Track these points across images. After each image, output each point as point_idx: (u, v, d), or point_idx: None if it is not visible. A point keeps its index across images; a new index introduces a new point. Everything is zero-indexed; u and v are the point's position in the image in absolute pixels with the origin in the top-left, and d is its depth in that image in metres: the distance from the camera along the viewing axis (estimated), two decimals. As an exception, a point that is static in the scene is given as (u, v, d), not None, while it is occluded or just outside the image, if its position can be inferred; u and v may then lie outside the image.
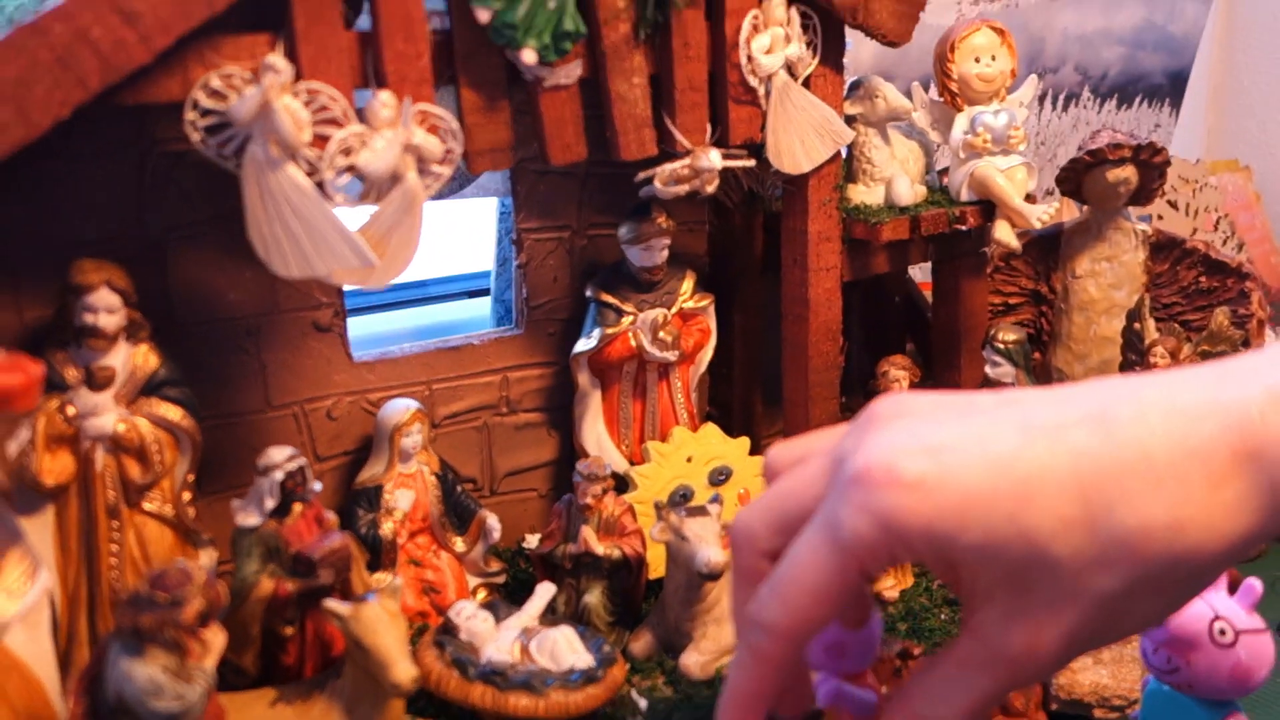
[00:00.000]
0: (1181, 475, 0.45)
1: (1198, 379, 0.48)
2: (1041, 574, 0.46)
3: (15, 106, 0.61)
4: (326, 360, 0.93)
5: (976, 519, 0.45)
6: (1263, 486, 0.45)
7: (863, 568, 0.47)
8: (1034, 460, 0.46)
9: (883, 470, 0.46)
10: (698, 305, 1.01)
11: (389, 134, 0.73)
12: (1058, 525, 0.45)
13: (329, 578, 0.78)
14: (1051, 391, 0.50)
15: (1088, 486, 0.45)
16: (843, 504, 0.47)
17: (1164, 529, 0.45)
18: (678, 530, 0.86)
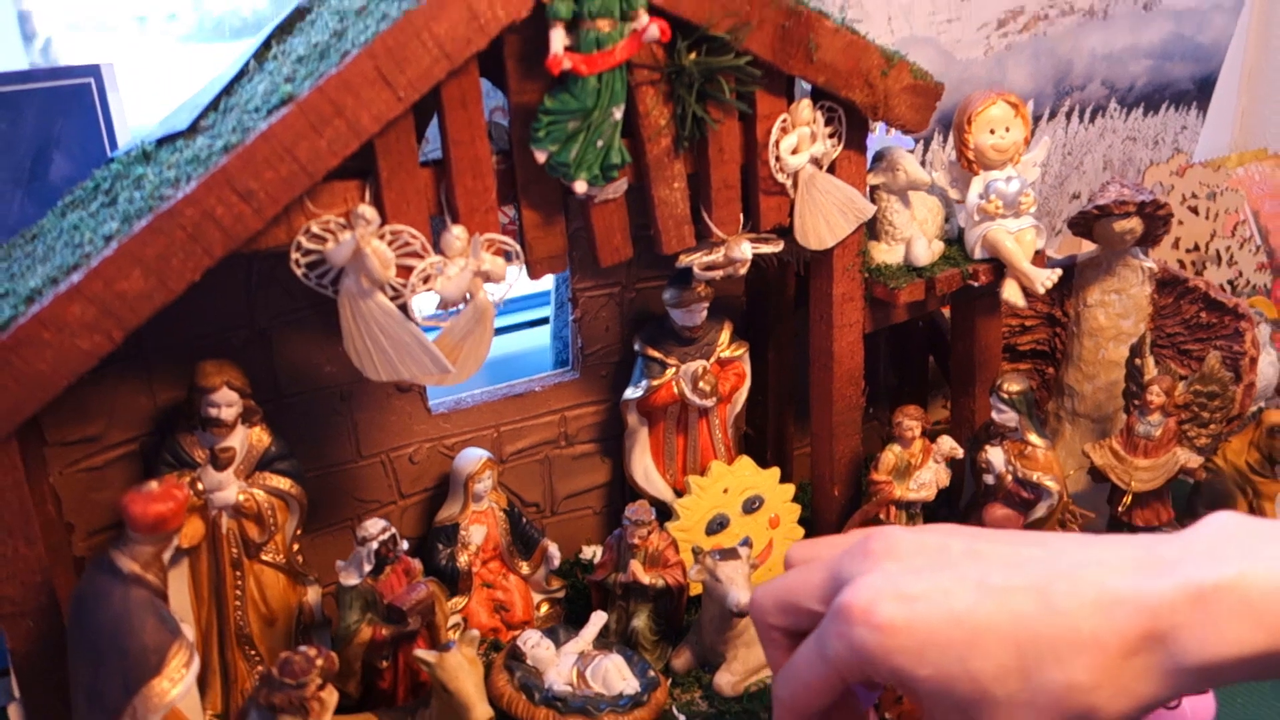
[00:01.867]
0: (1101, 645, 0.56)
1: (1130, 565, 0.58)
2: (983, 711, 0.58)
3: (158, 278, 0.74)
4: (408, 414, 1.06)
5: (932, 659, 0.57)
6: (1164, 664, 0.56)
7: (841, 678, 0.61)
8: (984, 617, 0.58)
9: (861, 611, 0.58)
10: (734, 354, 1.13)
11: (461, 262, 0.85)
12: (998, 671, 0.57)
13: (417, 623, 0.93)
14: (1009, 549, 0.62)
15: (1024, 644, 0.57)
16: (830, 629, 0.61)
17: (1082, 686, 0.56)
18: (712, 572, 1.00)
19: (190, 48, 1.29)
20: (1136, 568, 0.58)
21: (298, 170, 0.77)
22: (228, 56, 1.17)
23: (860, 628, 0.58)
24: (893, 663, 0.57)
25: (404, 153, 0.82)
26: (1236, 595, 0.55)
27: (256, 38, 0.87)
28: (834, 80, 0.96)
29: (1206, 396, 1.13)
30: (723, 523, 1.12)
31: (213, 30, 1.30)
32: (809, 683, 0.62)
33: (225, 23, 1.30)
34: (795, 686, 0.63)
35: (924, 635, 0.57)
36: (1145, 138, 1.57)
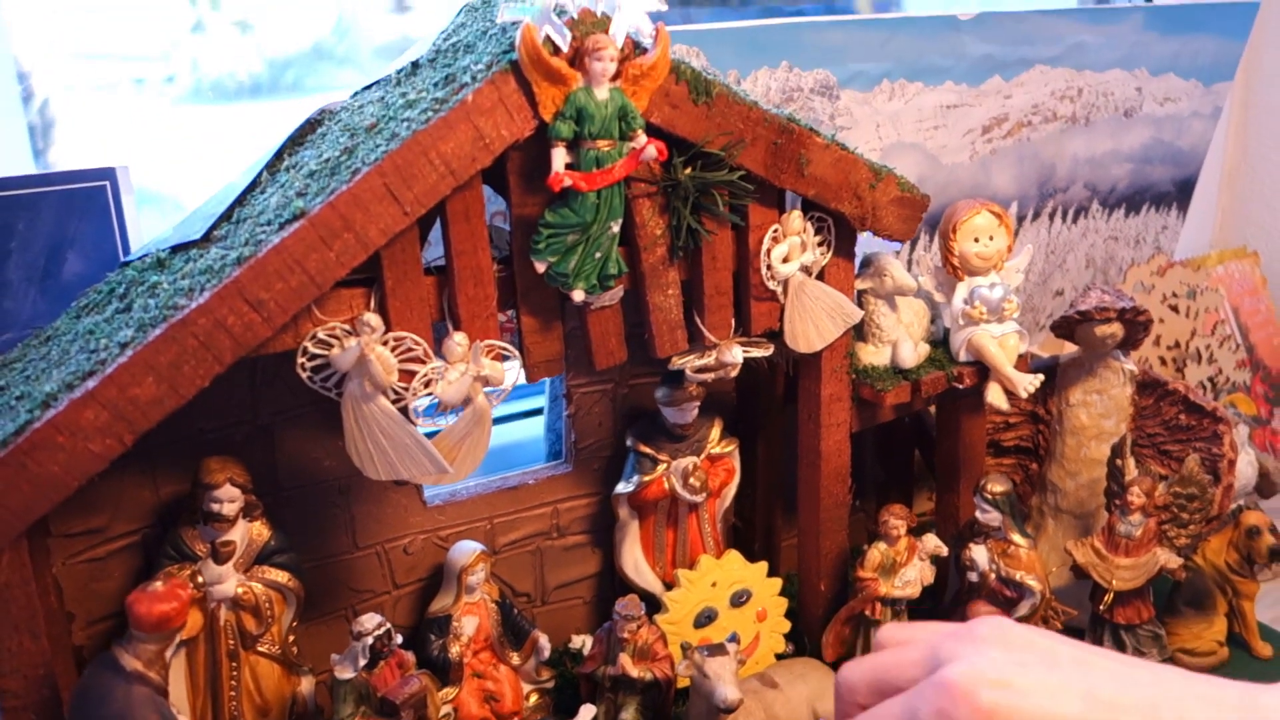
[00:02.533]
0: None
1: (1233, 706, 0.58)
2: None
3: (169, 384, 0.77)
4: (404, 507, 1.08)
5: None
6: None
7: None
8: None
9: (965, 690, 0.56)
10: (724, 450, 1.15)
11: (462, 367, 0.88)
12: None
13: (409, 717, 0.94)
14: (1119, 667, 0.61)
15: None
16: (925, 700, 0.58)
17: None
18: (700, 668, 1.01)
19: (187, 109, 1.31)
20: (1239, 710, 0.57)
21: (307, 281, 0.80)
22: (224, 119, 1.20)
23: (961, 706, 0.56)
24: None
25: (408, 263, 0.86)
26: None
27: (269, 150, 0.91)
28: (824, 193, 1.00)
29: (1186, 498, 1.16)
30: (711, 616, 1.14)
31: (210, 92, 1.33)
32: None
33: (222, 85, 1.33)
34: None
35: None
36: (1126, 237, 1.61)
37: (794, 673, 1.11)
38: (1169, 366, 1.56)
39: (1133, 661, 0.62)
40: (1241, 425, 1.32)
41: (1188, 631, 1.22)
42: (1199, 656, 1.21)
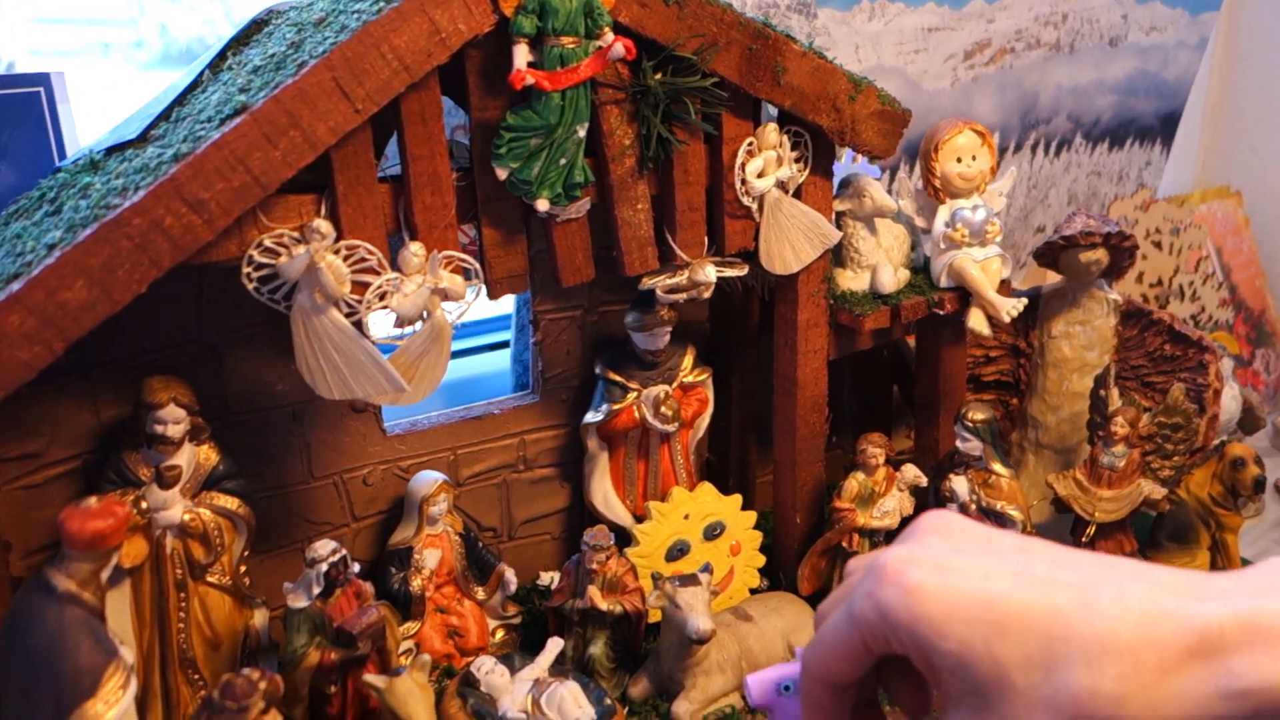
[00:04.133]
0: (1136, 657, 0.53)
1: (1180, 587, 0.55)
2: (1000, 697, 0.55)
3: (102, 289, 0.72)
4: (362, 435, 1.04)
5: (956, 633, 0.54)
6: (1207, 686, 0.52)
7: (865, 643, 0.58)
8: (1019, 603, 0.54)
9: (894, 571, 0.56)
10: (697, 379, 1.11)
11: (419, 279, 0.83)
12: (1022, 660, 0.54)
13: (367, 647, 0.90)
14: (1059, 552, 0.59)
15: (1055, 640, 0.53)
16: (861, 587, 0.58)
17: (1109, 699, 0.53)
18: (671, 598, 0.98)
19: (154, 75, 1.26)
20: (1189, 590, 0.55)
21: (250, 182, 0.75)
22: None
23: (889, 587, 0.55)
24: (916, 629, 0.55)
25: (361, 167, 0.81)
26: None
27: (212, 49, 0.85)
28: (801, 104, 0.95)
29: (1170, 428, 1.13)
30: (683, 549, 1.10)
31: (178, 58, 1.28)
32: (834, 647, 0.59)
33: (191, 50, 1.28)
34: (821, 651, 0.60)
35: (951, 607, 0.54)
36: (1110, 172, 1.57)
37: (769, 606, 1.07)
38: (1152, 304, 1.53)
39: (1077, 550, 0.59)
40: (1226, 359, 1.29)
41: (1170, 565, 1.19)
42: (1180, 591, 1.18)
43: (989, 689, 0.54)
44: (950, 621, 0.54)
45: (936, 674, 0.56)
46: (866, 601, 0.57)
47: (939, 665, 0.55)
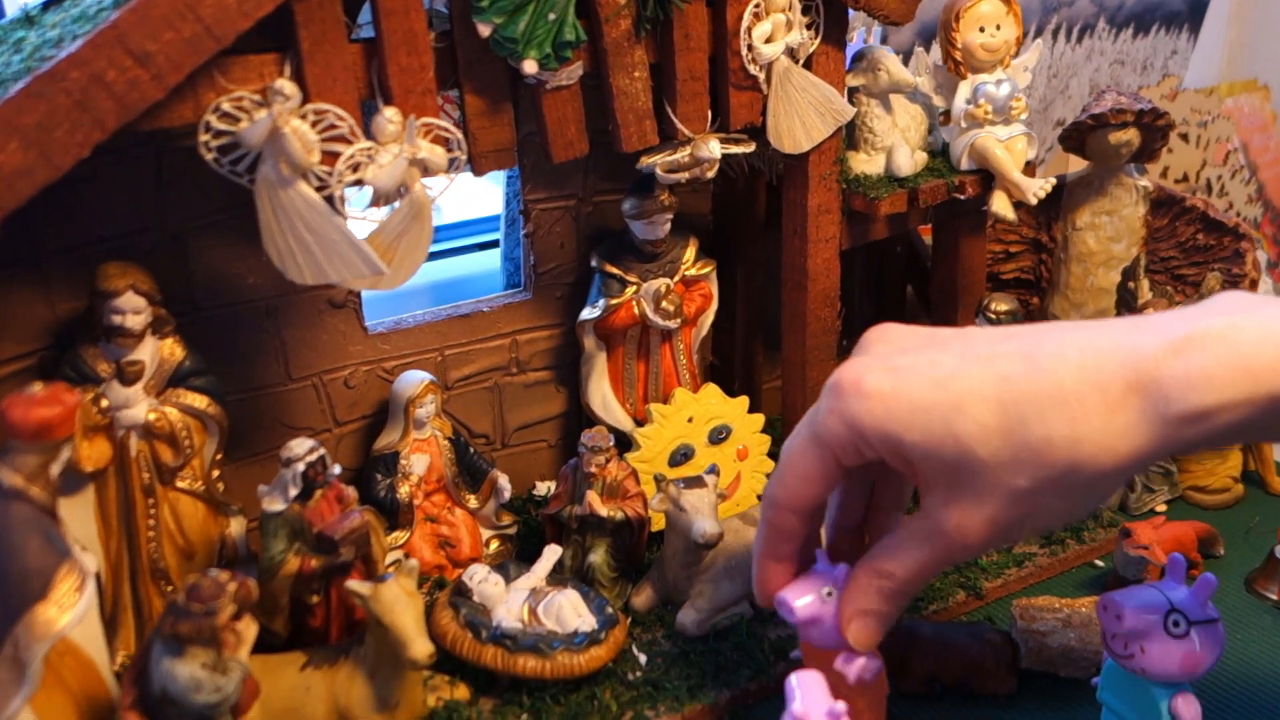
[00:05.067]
0: (1082, 400, 0.55)
1: (1117, 328, 0.58)
2: (968, 471, 0.58)
3: (39, 151, 0.64)
4: (342, 333, 0.97)
5: (918, 423, 0.58)
6: (1149, 416, 0.55)
7: (836, 458, 0.62)
8: (967, 380, 0.58)
9: (851, 383, 0.60)
10: (700, 272, 1.04)
11: (395, 149, 0.75)
12: (980, 431, 0.57)
13: (350, 554, 0.84)
14: (999, 330, 0.63)
15: (1007, 403, 0.56)
16: (821, 406, 0.63)
17: (1064, 440, 0.55)
18: (676, 501, 0.92)
19: None
20: (1126, 329, 0.58)
21: (202, 32, 0.67)
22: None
23: (850, 400, 0.59)
24: (883, 430, 0.58)
25: (328, 21, 0.73)
26: (1225, 343, 0.54)
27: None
28: (811, -39, 0.87)
29: (1203, 320, 1.06)
30: (687, 454, 1.04)
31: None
32: (803, 471, 0.63)
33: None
34: (789, 478, 0.63)
35: (909, 400, 0.58)
36: (1134, 61, 1.49)
37: (778, 512, 1.01)
38: (1177, 199, 1.45)
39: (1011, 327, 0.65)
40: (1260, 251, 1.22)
41: (1200, 468, 1.13)
42: (1212, 494, 1.13)
43: (957, 468, 0.57)
44: (911, 414, 0.57)
45: (910, 466, 0.59)
46: (831, 418, 0.60)
47: (909, 455, 0.58)
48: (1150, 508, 1.09)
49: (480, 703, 0.87)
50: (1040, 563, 1.02)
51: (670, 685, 0.88)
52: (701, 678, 0.89)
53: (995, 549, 0.62)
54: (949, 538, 0.60)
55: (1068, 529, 1.06)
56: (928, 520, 0.61)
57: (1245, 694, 0.88)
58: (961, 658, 0.88)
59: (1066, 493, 0.57)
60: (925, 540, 0.61)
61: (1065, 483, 0.56)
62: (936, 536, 0.60)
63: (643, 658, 0.91)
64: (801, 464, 0.62)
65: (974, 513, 0.58)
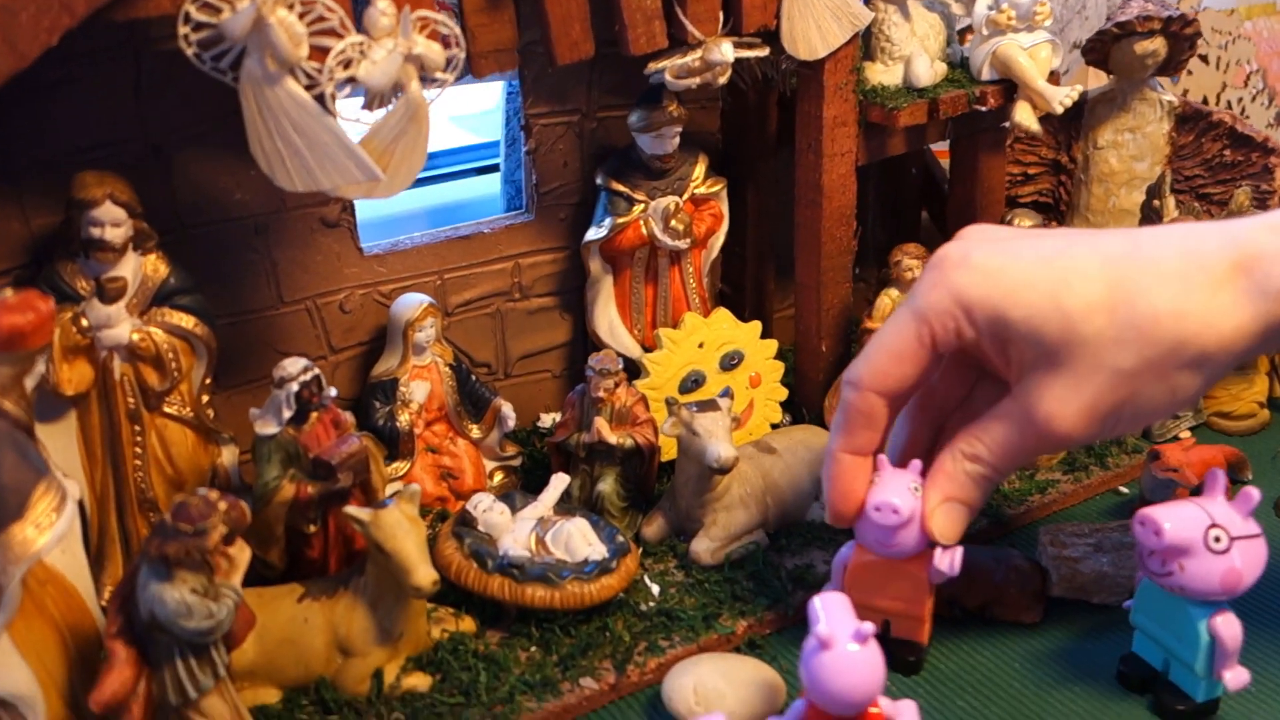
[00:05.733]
0: (1185, 276, 0.56)
1: (1214, 224, 0.60)
2: (1070, 350, 0.57)
3: (2, 36, 0.60)
4: (336, 255, 0.92)
5: (1025, 297, 0.57)
6: (1252, 292, 0.56)
7: (934, 334, 0.61)
8: (1073, 258, 0.58)
9: (958, 256, 0.60)
10: (710, 190, 1.00)
11: (389, 44, 0.71)
12: (1086, 307, 0.56)
13: (348, 480, 0.80)
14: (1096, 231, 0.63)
15: (1113, 280, 0.56)
16: (923, 282, 0.61)
17: (1169, 316, 0.55)
18: (689, 425, 0.88)
19: None
20: (1222, 222, 0.59)
21: (179, -91, 0.62)
22: None
23: (957, 270, 0.59)
24: (988, 303, 0.58)
25: (315, -97, 0.68)
26: None
27: None
28: None
29: (1234, 237, 1.02)
30: (698, 381, 1.00)
31: None
32: (895, 350, 0.61)
33: None
34: (880, 358, 0.62)
35: (1016, 275, 0.58)
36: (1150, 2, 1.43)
37: (794, 439, 0.97)
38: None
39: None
40: (1286, 170, 1.17)
41: (1225, 393, 1.10)
42: (1237, 420, 1.09)
43: (1059, 345, 0.57)
44: (1019, 289, 0.57)
45: (1008, 347, 0.59)
46: (935, 292, 0.59)
47: (1012, 333, 0.58)
48: (1175, 434, 1.05)
49: (487, 635, 0.83)
50: (1064, 489, 0.99)
51: (685, 615, 0.84)
52: (717, 607, 0.85)
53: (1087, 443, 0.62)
54: (1042, 424, 0.59)
55: (1092, 454, 1.02)
56: (1021, 404, 0.60)
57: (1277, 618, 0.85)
58: (985, 582, 0.85)
59: (1168, 374, 0.57)
60: (1015, 425, 0.61)
61: (1168, 362, 0.56)
62: (1028, 422, 0.60)
63: (655, 588, 0.87)
64: (896, 341, 0.61)
65: (1071, 399, 0.58)
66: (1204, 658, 0.74)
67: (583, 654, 0.81)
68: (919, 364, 0.61)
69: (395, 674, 0.78)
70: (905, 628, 0.78)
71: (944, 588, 0.81)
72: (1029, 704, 0.78)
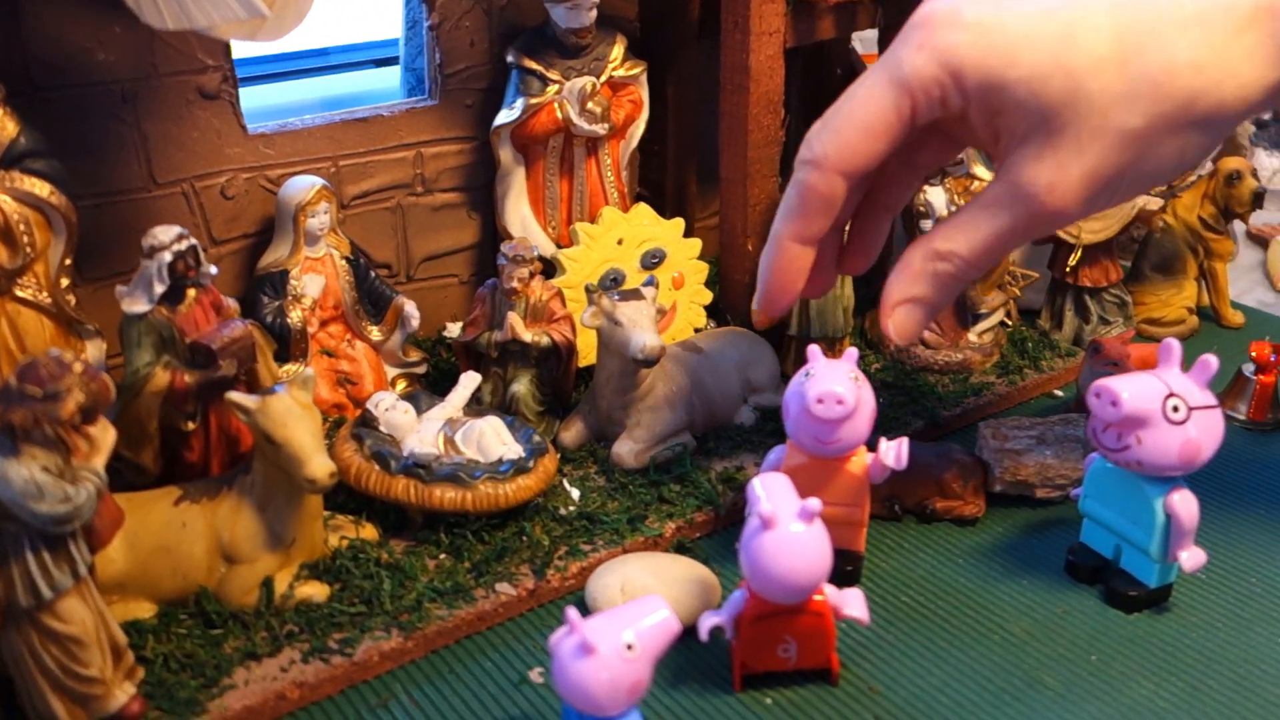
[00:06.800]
0: (1206, 21, 0.49)
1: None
2: (1074, 111, 0.50)
3: None
4: (217, 132, 0.83)
5: (1024, 56, 0.50)
6: (1276, 37, 0.49)
7: (915, 104, 0.51)
8: (1077, 7, 0.50)
9: (946, 12, 0.51)
10: (629, 74, 0.93)
11: None
12: (1093, 63, 0.49)
13: (231, 369, 0.71)
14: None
15: (1123, 30, 0.49)
16: (904, 45, 0.52)
17: (1186, 66, 0.49)
18: (610, 315, 0.81)
19: None
20: None
21: None
22: None
23: (945, 29, 0.51)
24: (983, 65, 0.50)
25: None
26: None
27: None
28: None
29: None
30: (617, 279, 0.93)
31: None
32: (868, 121, 0.52)
33: None
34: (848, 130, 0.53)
35: (1015, 31, 0.50)
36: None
37: (722, 340, 0.92)
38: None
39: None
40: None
41: (1155, 299, 1.07)
42: (1166, 326, 1.06)
43: (1062, 108, 0.50)
44: (1017, 47, 0.50)
45: (1000, 115, 0.51)
46: (919, 55, 0.50)
47: (1007, 101, 0.50)
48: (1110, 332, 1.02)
49: (391, 544, 0.75)
50: (999, 391, 0.95)
51: (608, 518, 0.78)
52: (643, 509, 0.79)
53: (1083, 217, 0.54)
54: (1037, 199, 0.52)
55: (1026, 356, 0.99)
56: (1012, 182, 0.52)
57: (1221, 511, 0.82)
58: (925, 478, 0.80)
59: (1180, 131, 0.50)
60: (1005, 206, 0.53)
61: (1181, 118, 0.50)
62: (1021, 200, 0.52)
63: (575, 492, 0.81)
64: (868, 111, 0.52)
65: (1072, 164, 0.51)
66: (1159, 539, 0.70)
67: (498, 559, 0.74)
68: (893, 139, 0.52)
69: (288, 583, 0.70)
70: (842, 535, 0.70)
71: (880, 486, 0.76)
72: (975, 598, 0.74)
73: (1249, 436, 0.92)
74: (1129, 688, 0.66)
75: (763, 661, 0.64)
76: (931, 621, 0.71)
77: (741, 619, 0.63)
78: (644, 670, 0.55)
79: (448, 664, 0.68)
